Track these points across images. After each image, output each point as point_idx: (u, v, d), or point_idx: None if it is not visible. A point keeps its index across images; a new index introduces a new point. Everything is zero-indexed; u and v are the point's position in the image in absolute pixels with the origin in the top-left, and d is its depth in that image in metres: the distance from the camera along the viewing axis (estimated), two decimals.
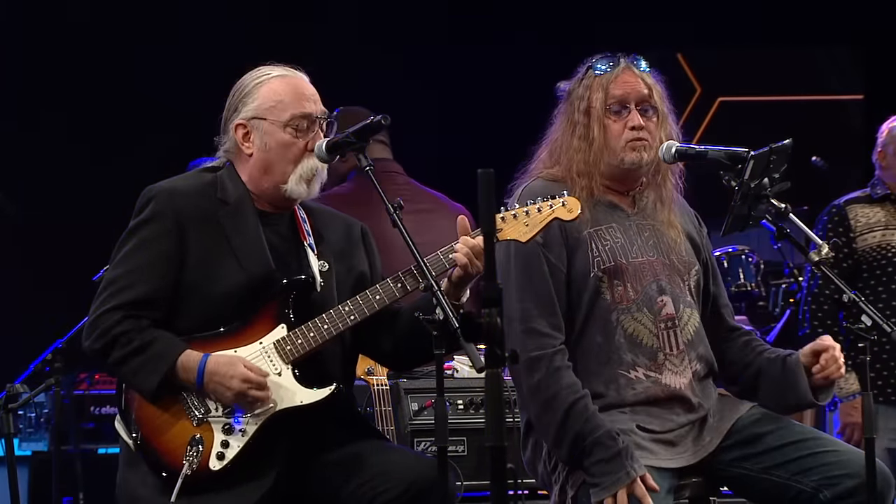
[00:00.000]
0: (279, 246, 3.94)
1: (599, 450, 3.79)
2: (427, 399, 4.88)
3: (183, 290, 3.84)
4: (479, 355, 3.24)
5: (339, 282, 3.97)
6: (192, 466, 3.73)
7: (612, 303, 3.96)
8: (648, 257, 4.02)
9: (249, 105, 3.96)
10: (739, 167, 3.89)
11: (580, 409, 3.84)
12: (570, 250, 3.96)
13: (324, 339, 3.82)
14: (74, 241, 6.90)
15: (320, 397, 3.81)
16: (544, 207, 3.82)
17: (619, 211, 4.06)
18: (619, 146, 4.00)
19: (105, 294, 3.84)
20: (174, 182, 3.98)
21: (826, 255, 3.90)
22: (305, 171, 3.91)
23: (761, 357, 4.09)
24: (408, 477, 3.74)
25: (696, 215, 4.26)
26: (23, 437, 6.40)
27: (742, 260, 7.04)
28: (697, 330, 4.04)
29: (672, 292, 4.01)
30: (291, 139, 3.92)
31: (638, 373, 3.94)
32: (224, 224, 3.89)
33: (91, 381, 6.43)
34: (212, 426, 3.78)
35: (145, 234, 3.86)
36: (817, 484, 3.87)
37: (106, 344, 3.79)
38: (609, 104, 4.01)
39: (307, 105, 3.94)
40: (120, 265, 3.86)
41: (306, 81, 4.00)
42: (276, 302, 3.86)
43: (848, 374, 5.46)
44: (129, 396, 3.83)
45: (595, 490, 3.79)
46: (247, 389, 3.74)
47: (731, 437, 3.97)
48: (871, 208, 5.60)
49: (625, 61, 4.06)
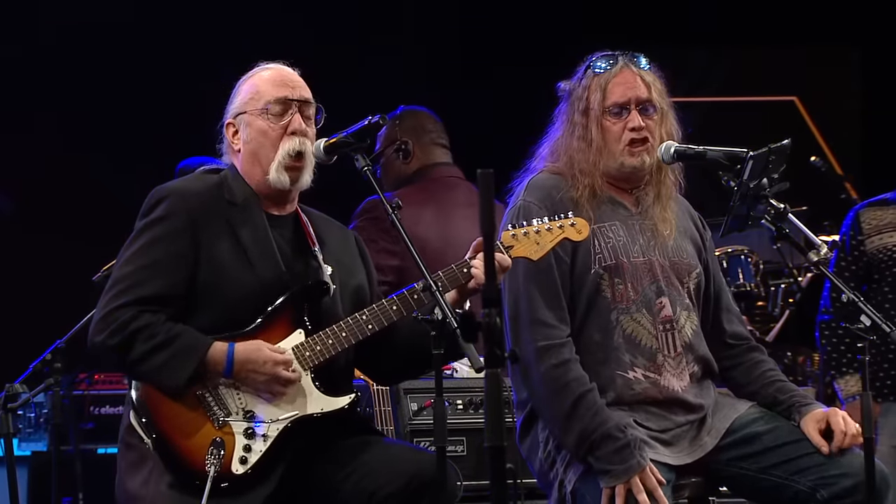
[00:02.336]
0: (287, 249, 3.95)
1: (608, 442, 3.80)
2: (426, 399, 4.89)
3: (196, 291, 3.83)
4: (478, 355, 3.24)
5: (341, 288, 3.98)
6: (217, 469, 3.71)
7: (611, 301, 3.96)
8: (649, 257, 4.02)
9: (235, 102, 3.99)
10: (738, 167, 3.90)
11: (589, 402, 3.85)
12: (574, 244, 3.97)
13: (342, 348, 3.83)
14: (74, 241, 6.89)
15: (341, 405, 3.83)
16: (554, 228, 3.85)
17: (622, 209, 4.06)
18: (618, 149, 4.00)
19: (116, 290, 3.79)
20: (183, 183, 3.98)
21: (825, 255, 3.90)
22: (284, 155, 3.90)
23: (770, 389, 4.07)
24: (409, 470, 3.75)
25: (699, 217, 4.26)
26: (22, 437, 6.38)
27: (742, 260, 7.02)
28: (696, 332, 4.04)
29: (670, 294, 4.01)
30: (268, 125, 3.92)
31: (636, 373, 3.95)
32: (234, 225, 3.89)
33: (91, 381, 6.42)
34: (233, 429, 3.76)
35: (158, 232, 3.84)
36: (814, 483, 3.87)
37: (124, 340, 3.74)
38: (608, 106, 4.01)
39: (283, 90, 3.94)
40: (131, 262, 3.82)
41: (289, 71, 4.01)
42: (292, 306, 3.85)
43: (849, 377, 5.47)
44: (149, 394, 3.79)
45: (605, 478, 3.80)
46: (280, 371, 3.75)
47: (729, 437, 3.98)
48: (884, 211, 5.60)
49: (623, 59, 4.06)
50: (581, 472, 3.87)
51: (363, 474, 3.79)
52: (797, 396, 4.03)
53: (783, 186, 3.93)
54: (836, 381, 5.52)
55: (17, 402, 5.02)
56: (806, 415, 3.96)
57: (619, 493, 3.77)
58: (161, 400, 3.78)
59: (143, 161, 6.85)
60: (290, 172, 3.91)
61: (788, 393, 4.04)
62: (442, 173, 5.57)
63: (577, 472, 3.88)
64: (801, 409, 3.98)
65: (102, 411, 6.45)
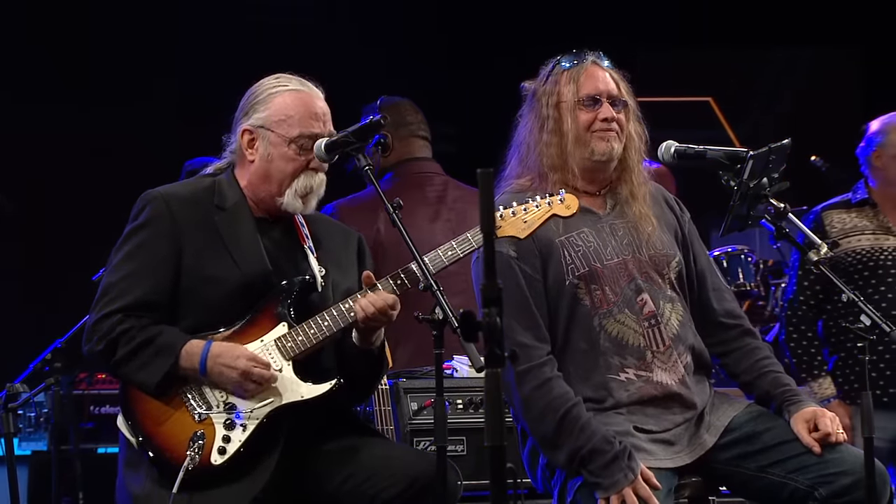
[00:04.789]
0: (275, 250, 3.96)
1: (597, 456, 3.80)
2: (426, 399, 4.88)
3: (181, 294, 3.87)
4: (478, 355, 3.24)
5: (334, 288, 3.99)
6: (195, 461, 3.73)
7: (591, 308, 3.96)
8: (624, 257, 4.02)
9: (260, 113, 3.97)
10: (738, 167, 3.90)
11: (573, 418, 3.84)
12: (544, 259, 3.97)
13: (324, 337, 3.84)
14: (74, 241, 6.90)
15: (322, 391, 3.83)
16: (542, 204, 3.84)
17: (590, 214, 4.05)
18: (588, 137, 4.00)
19: (104, 300, 3.86)
20: (171, 188, 4.01)
21: (825, 254, 3.90)
22: (301, 188, 3.94)
23: (763, 382, 4.07)
24: (410, 473, 3.76)
25: (675, 199, 4.24)
26: (22, 436, 6.39)
27: (742, 260, 7.03)
28: (682, 322, 4.03)
29: (650, 290, 4.00)
30: (294, 155, 3.94)
31: (628, 374, 3.94)
32: (220, 228, 3.92)
33: (91, 381, 6.43)
34: (213, 422, 3.79)
35: (141, 238, 3.89)
36: (812, 482, 3.87)
37: (108, 345, 3.81)
38: (581, 97, 4.01)
39: (315, 125, 3.95)
40: (116, 270, 3.89)
41: (320, 99, 4.01)
42: (277, 301, 3.87)
43: (822, 379, 5.49)
44: (132, 395, 3.84)
45: (598, 490, 3.80)
46: (252, 367, 3.76)
47: (727, 436, 3.98)
48: (848, 214, 5.60)
49: (591, 56, 4.08)
50: (581, 482, 3.87)
51: (364, 477, 3.80)
52: (788, 393, 4.02)
53: (783, 186, 3.93)
54: (808, 384, 5.51)
55: (17, 401, 5.03)
56: (795, 413, 3.95)
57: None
58: (143, 401, 3.82)
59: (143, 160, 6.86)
60: (305, 200, 3.95)
61: (780, 388, 4.04)
62: (413, 169, 5.54)
63: (577, 481, 3.88)
64: (790, 407, 3.98)
65: (102, 411, 6.45)
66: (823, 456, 3.88)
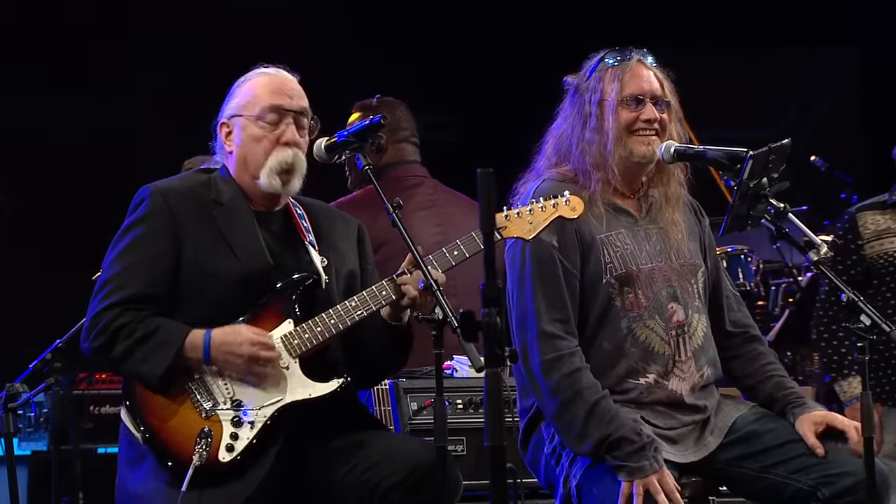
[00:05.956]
0: (275, 244, 3.96)
1: (626, 444, 3.80)
2: (426, 399, 4.89)
3: (181, 287, 3.86)
4: (478, 355, 3.24)
5: (336, 275, 3.99)
6: (202, 458, 3.73)
7: (622, 310, 3.96)
8: (657, 263, 4.02)
9: (231, 104, 4.00)
10: (738, 167, 3.89)
11: (603, 409, 3.85)
12: (584, 254, 3.96)
13: (331, 334, 3.83)
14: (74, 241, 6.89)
15: (329, 390, 3.83)
16: (548, 206, 3.84)
17: (626, 216, 4.05)
18: (628, 138, 3.99)
19: (101, 294, 3.85)
20: (169, 182, 4.00)
21: (825, 254, 3.89)
22: (275, 164, 3.91)
23: (766, 386, 4.08)
24: (410, 461, 3.77)
25: (697, 205, 4.25)
26: (22, 436, 6.39)
27: (742, 260, 7.03)
28: (706, 335, 4.04)
29: (682, 298, 4.00)
30: (263, 133, 3.93)
31: (648, 378, 3.95)
32: (219, 223, 3.91)
33: (91, 381, 6.42)
34: (220, 419, 3.78)
35: (139, 232, 3.88)
36: (815, 482, 3.87)
37: (107, 339, 3.79)
38: (625, 96, 4.01)
39: (281, 98, 3.94)
40: (114, 265, 3.88)
41: (291, 80, 4.01)
42: (282, 298, 3.87)
43: (852, 378, 5.45)
44: (137, 390, 3.82)
45: (622, 473, 3.80)
46: (257, 351, 3.75)
47: (729, 436, 3.98)
48: (883, 215, 5.52)
49: (636, 54, 4.07)
50: (586, 466, 3.87)
51: (366, 467, 3.81)
52: (793, 396, 4.02)
53: (783, 186, 3.93)
54: (838, 383, 5.48)
55: (17, 401, 5.02)
56: (800, 416, 3.96)
57: (637, 492, 3.77)
58: (148, 395, 3.81)
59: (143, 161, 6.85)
60: (282, 176, 3.93)
61: (784, 391, 4.04)
62: (403, 173, 5.54)
63: (583, 466, 3.88)
64: (794, 409, 3.98)
65: (102, 411, 6.45)
66: (826, 456, 3.88)
